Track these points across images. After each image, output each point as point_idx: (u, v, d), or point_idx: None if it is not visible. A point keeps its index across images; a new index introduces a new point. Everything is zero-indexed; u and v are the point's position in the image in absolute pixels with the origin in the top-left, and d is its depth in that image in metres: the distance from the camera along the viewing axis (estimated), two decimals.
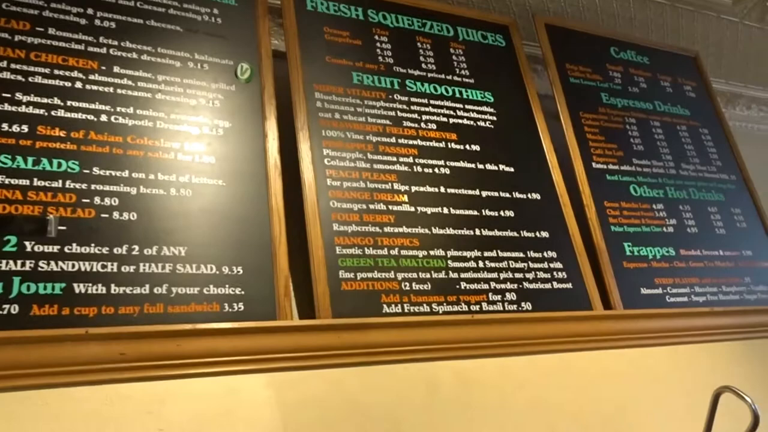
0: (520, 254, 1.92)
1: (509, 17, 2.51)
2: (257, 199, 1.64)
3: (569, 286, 1.95)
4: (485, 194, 1.98)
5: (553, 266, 1.96)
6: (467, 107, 2.14)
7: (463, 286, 1.77)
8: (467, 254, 1.83)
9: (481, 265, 1.83)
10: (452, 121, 2.08)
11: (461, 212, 1.90)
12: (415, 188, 1.87)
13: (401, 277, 1.70)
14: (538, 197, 2.08)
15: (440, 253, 1.79)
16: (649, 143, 2.49)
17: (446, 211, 1.88)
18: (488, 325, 1.73)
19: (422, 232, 1.80)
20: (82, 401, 1.27)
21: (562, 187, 2.14)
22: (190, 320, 1.41)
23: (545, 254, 1.97)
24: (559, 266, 1.97)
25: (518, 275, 1.88)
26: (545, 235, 2.01)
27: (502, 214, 1.97)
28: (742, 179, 2.66)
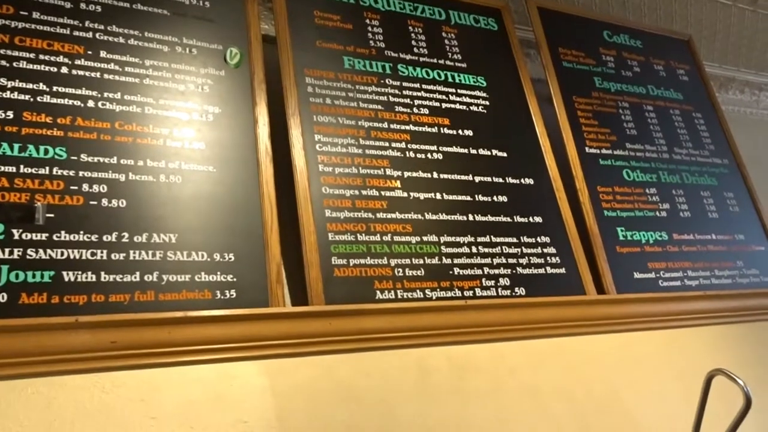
0: (513, 239, 1.92)
1: (501, 0, 2.48)
2: (248, 185, 1.63)
3: (562, 271, 1.95)
4: (478, 179, 1.97)
5: (546, 251, 1.95)
6: (460, 92, 2.12)
7: (456, 271, 1.77)
8: (460, 240, 1.83)
9: (474, 250, 1.83)
10: (445, 105, 2.06)
11: (454, 198, 1.89)
12: (407, 174, 1.86)
13: (394, 263, 1.69)
14: (531, 182, 2.07)
15: (433, 238, 1.79)
16: (642, 127, 2.49)
17: (439, 196, 1.87)
18: (481, 310, 1.72)
19: (415, 217, 1.79)
20: (73, 389, 1.26)
21: (555, 171, 2.14)
22: (181, 308, 1.40)
23: (538, 239, 1.96)
24: (552, 251, 1.96)
25: (511, 260, 1.87)
26: (538, 220, 2.00)
27: (495, 199, 1.96)
28: (735, 163, 2.66)
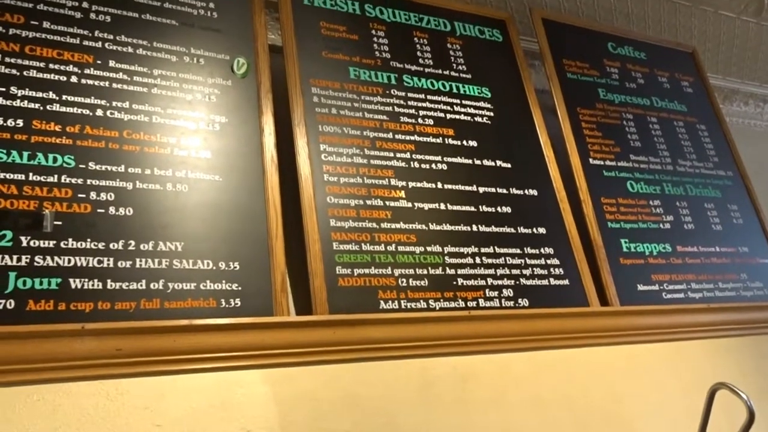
0: (517, 250, 1.92)
1: (506, 12, 2.50)
2: (254, 194, 1.64)
3: (566, 282, 1.95)
4: (482, 190, 1.98)
5: (550, 262, 1.96)
6: (464, 103, 2.14)
7: (460, 282, 1.77)
8: (464, 250, 1.83)
9: (478, 261, 1.83)
10: (449, 116, 2.08)
11: (458, 208, 1.90)
12: (412, 184, 1.87)
13: (398, 273, 1.70)
14: (535, 193, 2.08)
15: (437, 249, 1.79)
16: (646, 139, 2.49)
17: (443, 207, 1.88)
18: (485, 321, 1.73)
19: (419, 228, 1.80)
20: (78, 396, 1.26)
21: (559, 183, 2.14)
22: (186, 316, 1.41)
23: (542, 250, 1.97)
24: (555, 262, 1.97)
25: (515, 271, 1.88)
26: (542, 231, 2.01)
27: (499, 210, 1.97)
28: (739, 175, 2.66)
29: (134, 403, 1.30)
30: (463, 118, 2.10)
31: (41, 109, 1.48)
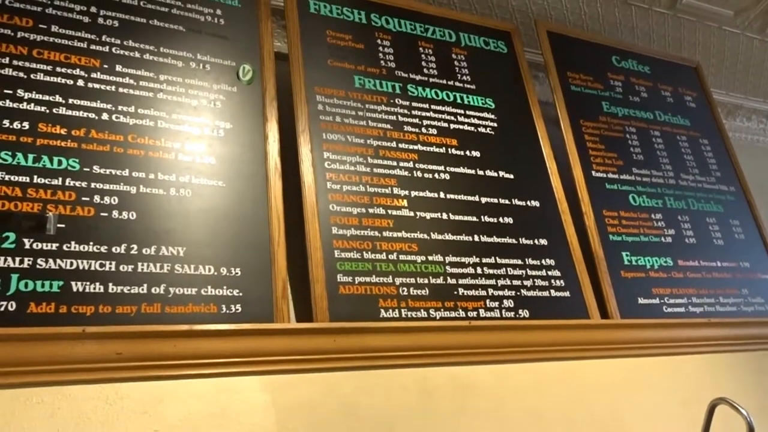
0: (518, 261, 1.92)
1: (511, 23, 2.51)
2: (257, 200, 1.64)
3: (567, 294, 1.95)
4: (484, 200, 1.98)
5: (551, 274, 1.96)
6: (468, 113, 2.14)
7: (460, 292, 1.77)
8: (465, 260, 1.83)
9: (479, 271, 1.83)
10: (453, 126, 2.08)
11: (460, 218, 1.90)
12: (414, 193, 1.87)
13: (399, 281, 1.70)
14: (537, 204, 2.08)
15: (439, 258, 1.79)
16: (649, 153, 2.50)
17: (445, 216, 1.88)
18: (485, 331, 1.73)
19: (421, 237, 1.80)
20: (78, 400, 1.26)
21: (561, 194, 2.15)
22: (187, 321, 1.41)
23: (543, 262, 1.97)
24: (557, 274, 1.97)
25: (516, 282, 1.88)
26: (544, 242, 2.01)
27: (501, 220, 1.97)
28: (741, 191, 2.66)
29: (133, 407, 1.30)
30: (466, 128, 2.11)
31: (47, 112, 1.48)
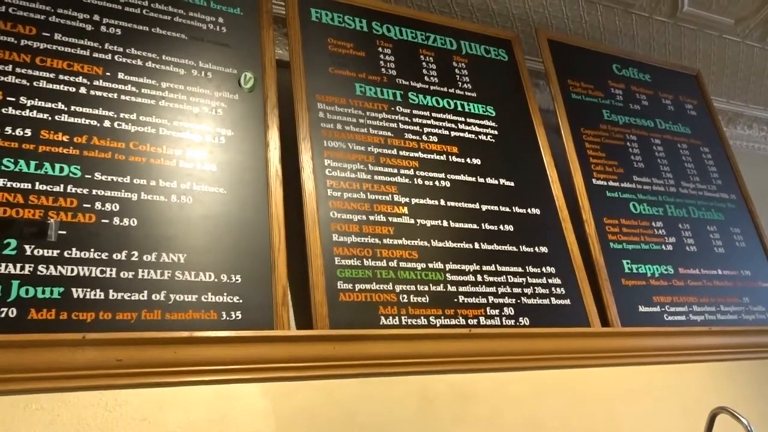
0: (518, 269, 1.92)
1: (512, 32, 2.52)
2: (258, 207, 1.65)
3: (567, 302, 1.95)
4: (485, 208, 1.99)
5: (551, 282, 1.96)
6: (469, 120, 2.15)
7: (461, 299, 1.77)
8: (466, 268, 1.83)
9: (479, 279, 1.84)
10: (453, 134, 2.09)
11: (461, 225, 1.90)
12: (415, 200, 1.87)
13: (399, 289, 1.70)
14: (537, 212, 2.08)
15: (439, 266, 1.80)
16: (649, 161, 2.50)
17: (446, 224, 1.88)
18: (485, 339, 1.72)
19: (421, 244, 1.80)
20: (77, 407, 1.26)
21: (561, 202, 2.15)
22: (187, 328, 1.41)
23: (544, 269, 1.97)
24: (557, 282, 1.97)
25: (516, 290, 1.88)
26: (544, 250, 2.01)
27: (501, 228, 1.98)
28: (742, 199, 2.66)
29: (133, 414, 1.30)
30: (467, 135, 2.11)
31: (50, 119, 1.49)
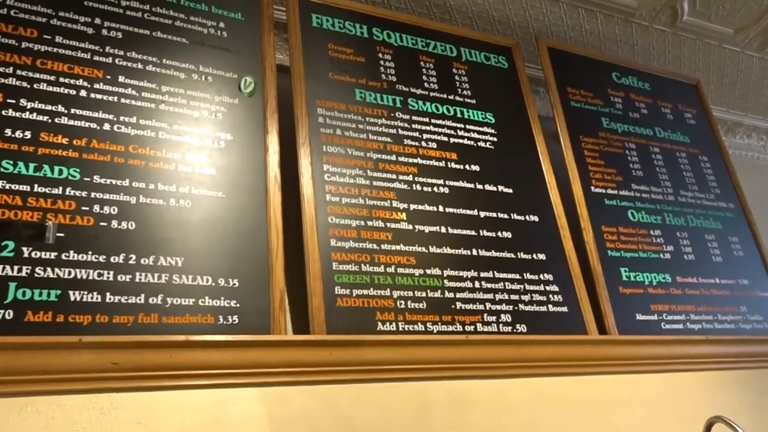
0: (516, 276, 1.92)
1: (512, 39, 2.53)
2: (256, 211, 1.65)
3: (565, 309, 1.95)
4: (483, 215, 1.99)
5: (549, 289, 1.96)
6: (468, 127, 2.15)
7: (458, 306, 1.77)
8: (463, 274, 1.83)
9: (477, 285, 1.84)
10: (453, 140, 2.09)
11: (459, 232, 1.91)
12: (413, 206, 1.87)
13: (397, 295, 1.70)
14: (536, 219, 2.09)
15: (436, 272, 1.80)
16: (648, 169, 2.50)
17: (444, 230, 1.88)
18: (482, 346, 1.72)
19: (419, 250, 1.81)
20: (73, 409, 1.26)
21: (560, 209, 2.15)
22: (184, 331, 1.41)
23: (541, 276, 1.97)
24: (555, 289, 1.97)
25: (514, 297, 1.88)
26: (542, 257, 2.01)
27: (499, 235, 1.98)
28: (740, 208, 2.66)
29: (128, 417, 1.29)
30: (466, 142, 2.12)
31: (49, 121, 1.49)
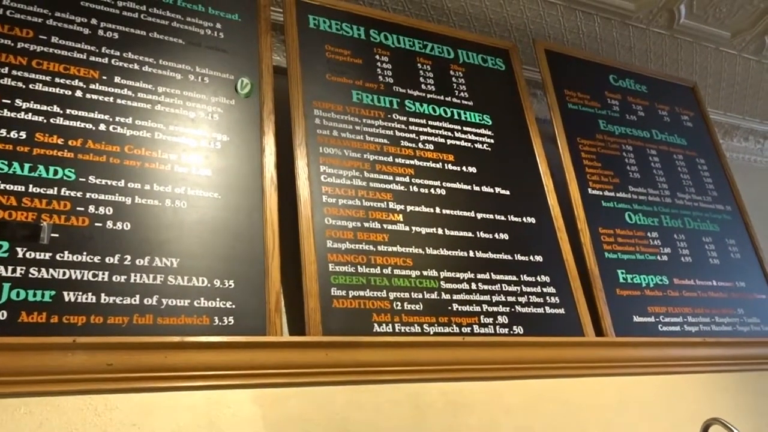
0: (513, 277, 1.92)
1: (510, 41, 2.53)
2: (252, 213, 1.64)
3: (561, 311, 1.94)
4: (480, 216, 1.99)
5: (545, 291, 1.95)
6: (465, 129, 2.15)
7: (455, 307, 1.77)
8: (460, 276, 1.83)
9: (473, 287, 1.83)
10: (450, 142, 2.09)
11: (455, 233, 1.90)
12: (410, 208, 1.87)
13: (393, 296, 1.70)
14: (533, 221, 2.08)
15: (433, 273, 1.79)
16: (645, 171, 2.50)
17: (441, 231, 1.88)
18: (479, 347, 1.72)
19: (416, 252, 1.80)
20: (67, 411, 1.26)
21: (557, 211, 2.15)
22: (179, 332, 1.40)
23: (538, 278, 1.97)
24: (551, 291, 1.96)
25: (511, 299, 1.87)
26: (539, 259, 2.01)
27: (496, 236, 1.97)
28: (737, 210, 2.66)
29: (122, 419, 1.29)
30: (463, 144, 2.12)
31: (45, 122, 1.49)
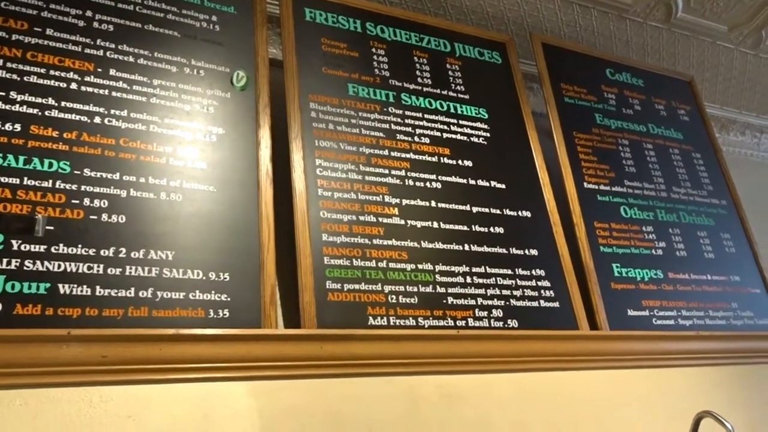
0: (508, 271, 1.93)
1: (506, 35, 2.53)
2: (247, 206, 1.64)
3: (556, 304, 1.95)
4: (476, 210, 1.99)
5: (540, 284, 1.96)
6: (461, 122, 2.15)
7: (449, 300, 1.78)
8: (455, 269, 1.84)
9: (468, 280, 1.84)
10: (446, 135, 2.09)
11: (451, 227, 1.91)
12: (405, 201, 1.87)
13: (388, 289, 1.70)
14: (528, 215, 2.09)
15: (428, 267, 1.80)
16: (641, 165, 2.51)
17: (436, 225, 1.88)
18: (473, 341, 1.73)
19: (411, 245, 1.81)
20: (62, 402, 1.26)
21: (552, 205, 2.15)
22: (174, 325, 1.41)
23: (533, 272, 1.97)
24: (546, 284, 1.97)
25: (505, 292, 1.88)
26: (534, 252, 2.01)
27: (491, 230, 1.98)
28: (732, 205, 2.67)
29: (117, 411, 1.29)
30: (459, 137, 2.12)
31: (40, 114, 1.49)
